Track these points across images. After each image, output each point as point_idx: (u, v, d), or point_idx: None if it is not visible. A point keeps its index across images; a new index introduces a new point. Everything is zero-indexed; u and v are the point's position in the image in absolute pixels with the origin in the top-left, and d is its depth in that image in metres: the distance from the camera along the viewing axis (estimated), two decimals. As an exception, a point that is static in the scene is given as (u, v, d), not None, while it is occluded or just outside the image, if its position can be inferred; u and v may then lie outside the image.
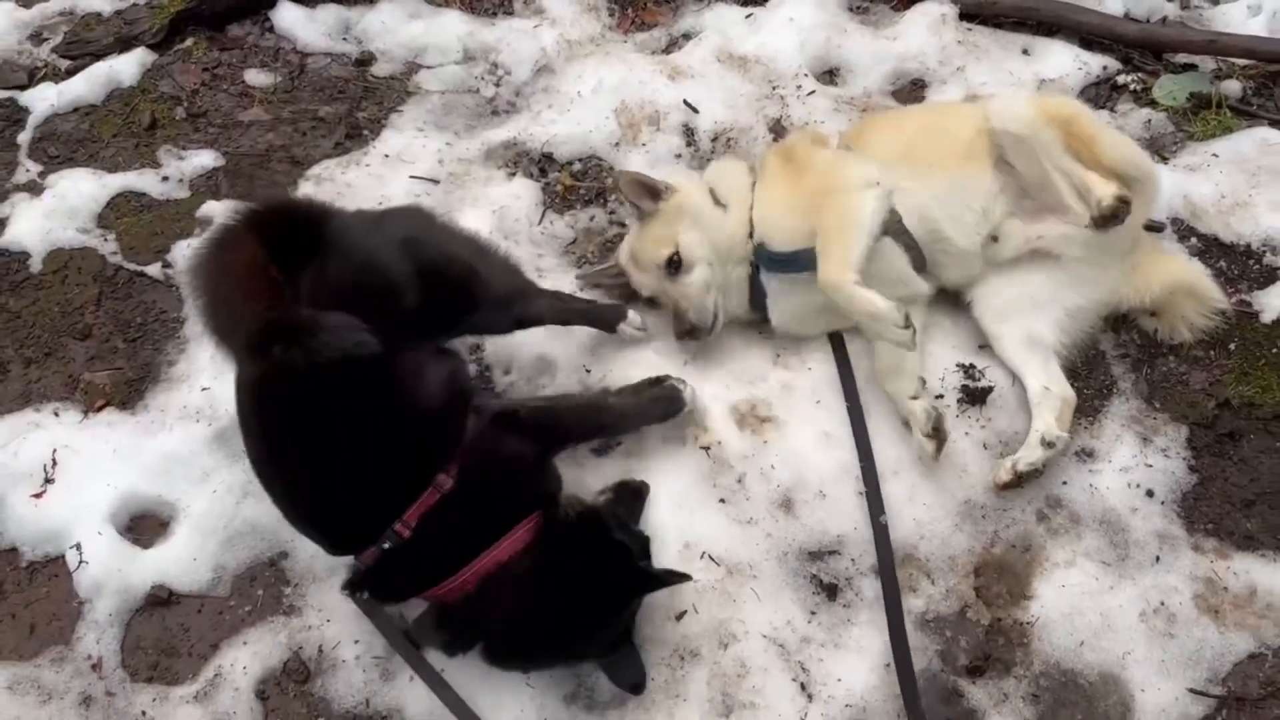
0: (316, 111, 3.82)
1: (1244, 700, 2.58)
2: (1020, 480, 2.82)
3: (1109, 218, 2.81)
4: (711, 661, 2.66)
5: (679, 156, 3.65)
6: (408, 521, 2.35)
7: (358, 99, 3.87)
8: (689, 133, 3.70)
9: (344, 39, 4.06)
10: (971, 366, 3.09)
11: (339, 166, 3.59)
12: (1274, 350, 3.13)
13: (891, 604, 2.63)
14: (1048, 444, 2.83)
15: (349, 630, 2.69)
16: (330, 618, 2.72)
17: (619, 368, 3.09)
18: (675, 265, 3.06)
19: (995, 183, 2.99)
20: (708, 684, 2.62)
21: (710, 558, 2.79)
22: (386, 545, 2.36)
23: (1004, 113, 2.96)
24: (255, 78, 3.93)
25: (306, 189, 3.51)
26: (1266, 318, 3.20)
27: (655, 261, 3.08)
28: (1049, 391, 2.94)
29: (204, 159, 3.65)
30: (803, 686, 2.62)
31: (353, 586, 2.46)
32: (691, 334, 3.07)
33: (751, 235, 3.08)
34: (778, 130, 3.73)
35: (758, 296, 3.12)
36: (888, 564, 2.70)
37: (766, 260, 3.05)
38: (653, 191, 3.13)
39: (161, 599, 2.76)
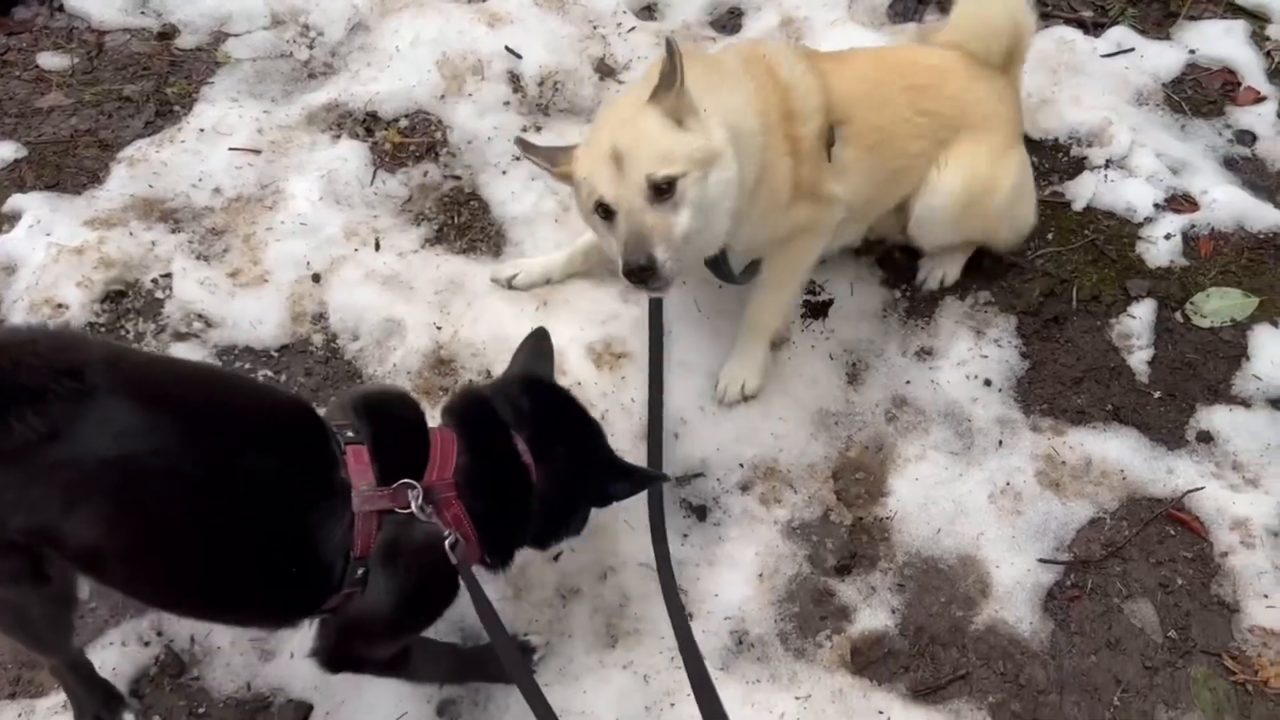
0: (121, 91, 3.64)
1: (1088, 562, 2.76)
2: None
3: None
4: (593, 595, 2.70)
5: (507, 104, 3.61)
6: None
7: (164, 74, 3.69)
8: (515, 79, 3.67)
9: (142, 13, 3.86)
10: (811, 282, 3.19)
11: (152, 146, 3.43)
12: (1086, 235, 3.33)
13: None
14: None
15: (224, 638, 2.62)
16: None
17: (467, 324, 3.07)
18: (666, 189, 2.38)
19: None
20: (591, 618, 2.66)
21: (580, 496, 2.82)
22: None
23: None
24: (50, 61, 3.71)
25: (119, 172, 3.35)
26: (1078, 206, 3.39)
27: (657, 175, 2.37)
28: None
29: (3, 151, 3.44)
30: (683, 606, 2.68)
31: None
32: (646, 281, 2.40)
33: None
34: (603, 69, 3.73)
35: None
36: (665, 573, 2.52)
37: None
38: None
39: (17, 611, 2.64)
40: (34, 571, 1.94)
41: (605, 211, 2.47)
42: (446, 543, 2.04)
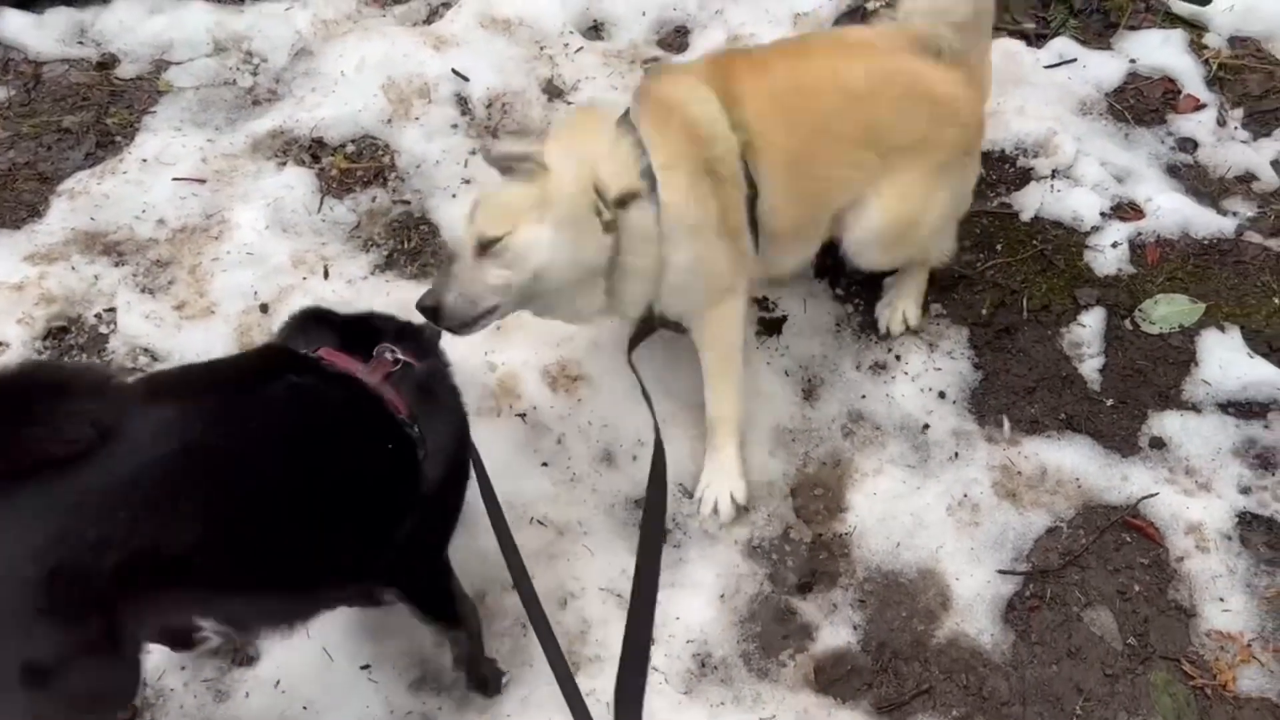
0: (60, 122, 3.57)
1: (1047, 572, 2.78)
2: None
3: None
4: (553, 623, 2.64)
5: (455, 127, 3.59)
6: None
7: (104, 104, 3.64)
8: (462, 102, 3.65)
9: (80, 43, 3.81)
10: (764, 299, 3.19)
11: (93, 178, 3.37)
12: (1034, 245, 3.36)
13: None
14: None
15: (174, 658, 2.57)
16: (150, 648, 2.59)
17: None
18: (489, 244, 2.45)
19: None
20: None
21: (539, 521, 2.80)
22: None
23: None
24: (-15, 93, 3.65)
25: (60, 206, 3.29)
26: (1025, 216, 3.42)
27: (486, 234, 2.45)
28: None
29: (-61, 186, 3.37)
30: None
31: None
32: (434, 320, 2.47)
33: None
34: (551, 90, 3.72)
35: None
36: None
37: None
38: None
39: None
40: (113, 637, 1.78)
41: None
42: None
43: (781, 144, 2.66)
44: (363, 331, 2.25)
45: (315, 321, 2.29)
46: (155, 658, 2.57)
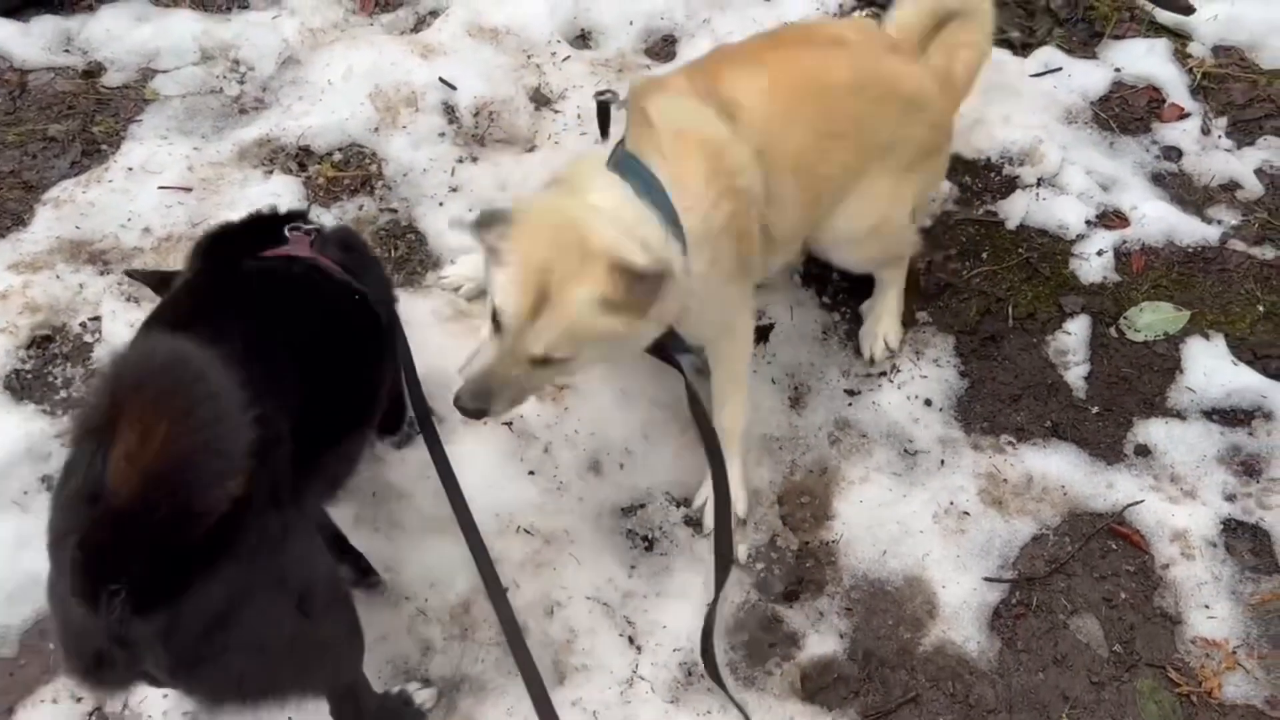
0: (45, 131, 3.56)
1: (1033, 579, 2.78)
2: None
3: None
4: (539, 632, 2.66)
5: (443, 135, 3.59)
6: None
7: (90, 113, 3.62)
8: (449, 110, 3.65)
9: (66, 51, 3.79)
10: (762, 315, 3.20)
11: (78, 186, 3.36)
12: (1020, 253, 3.37)
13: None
14: None
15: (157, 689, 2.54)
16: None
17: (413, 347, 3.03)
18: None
19: None
20: (538, 655, 2.60)
21: (526, 530, 2.79)
22: None
23: None
24: (-30, 102, 3.63)
25: (45, 214, 3.28)
26: (1011, 225, 3.44)
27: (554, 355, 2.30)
28: None
29: (-77, 195, 3.36)
30: (631, 640, 2.66)
31: None
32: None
33: None
34: (539, 99, 3.72)
35: None
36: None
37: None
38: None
39: (-59, 671, 2.55)
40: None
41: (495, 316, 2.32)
42: None
43: (787, 148, 2.59)
44: (260, 228, 2.37)
45: (219, 241, 2.38)
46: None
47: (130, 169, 3.41)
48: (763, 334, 3.14)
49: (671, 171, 2.43)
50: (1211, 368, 3.11)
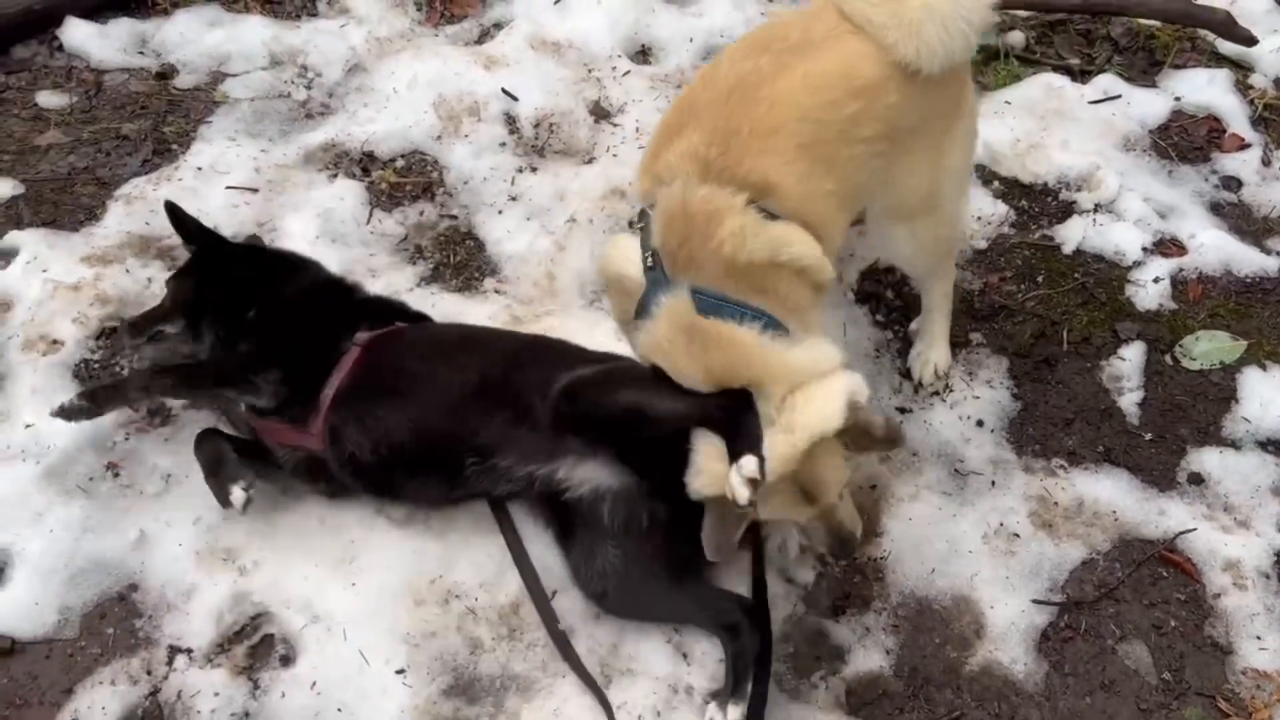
0: (119, 129, 3.66)
1: (1081, 604, 2.77)
2: None
3: None
4: (586, 635, 2.68)
5: (503, 145, 3.66)
6: None
7: (162, 113, 3.72)
8: (510, 121, 3.71)
9: (140, 53, 3.90)
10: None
11: (149, 184, 3.45)
12: (1076, 278, 3.37)
13: None
14: None
15: (210, 680, 2.59)
16: (192, 650, 2.62)
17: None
18: None
19: None
20: (584, 658, 2.64)
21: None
22: None
23: None
24: (48, 99, 3.74)
25: (116, 210, 3.37)
26: (1067, 249, 3.44)
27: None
28: None
29: (1, 188, 3.45)
30: (677, 647, 2.67)
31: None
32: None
33: None
34: (598, 112, 3.77)
35: None
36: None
37: None
38: None
39: (4, 649, 2.61)
40: None
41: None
42: None
43: (828, 192, 2.45)
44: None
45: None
46: (194, 674, 2.60)
47: (199, 169, 3.50)
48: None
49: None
50: (1269, 398, 3.09)
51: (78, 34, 3.89)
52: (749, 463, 2.24)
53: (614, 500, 2.60)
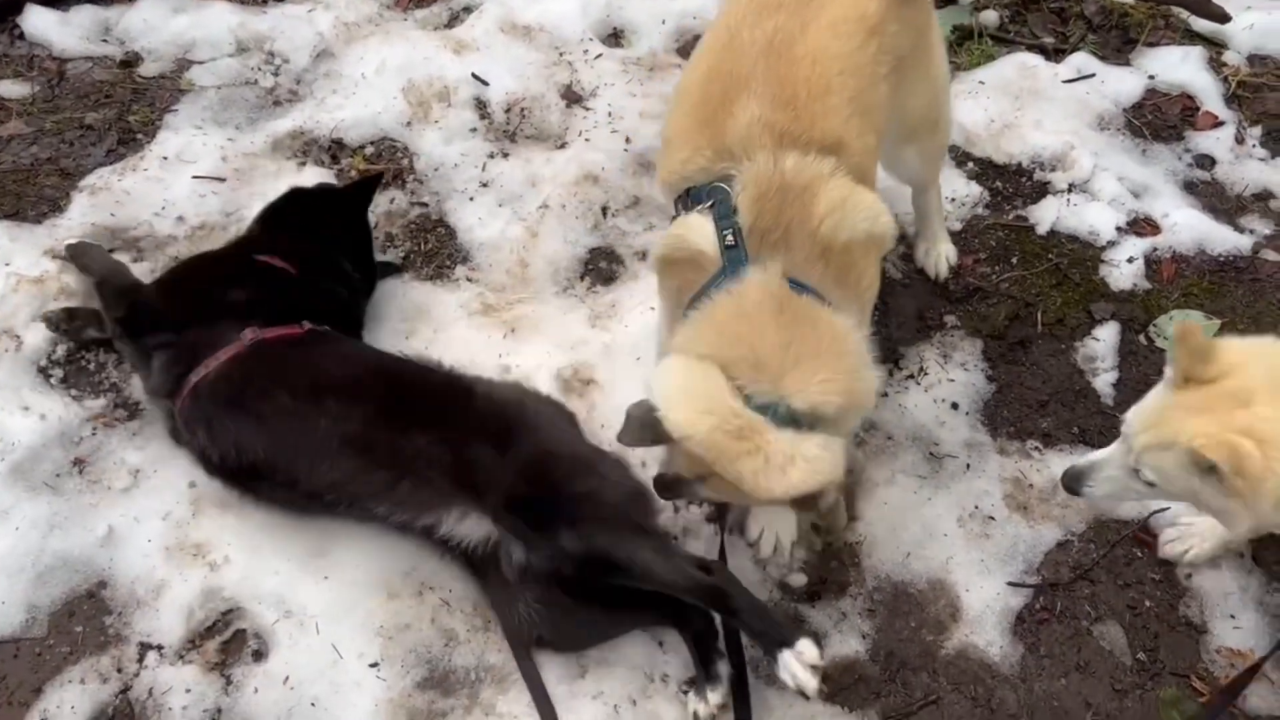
0: (83, 119, 3.60)
1: (1057, 585, 2.77)
2: None
3: None
4: (561, 626, 2.67)
5: (474, 130, 3.62)
6: None
7: (127, 102, 3.67)
8: (481, 106, 3.67)
9: (104, 40, 3.84)
10: (780, 307, 3.20)
11: (114, 174, 3.40)
12: (1050, 259, 3.36)
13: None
14: None
15: (181, 676, 2.57)
16: (163, 647, 2.60)
17: (434, 351, 3.04)
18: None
19: None
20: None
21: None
22: None
23: None
24: (9, 89, 3.68)
25: (81, 201, 3.32)
26: (1041, 230, 3.43)
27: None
28: None
29: (-39, 180, 3.40)
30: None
31: None
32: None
33: None
34: (570, 96, 3.73)
35: None
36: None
37: None
38: None
39: (-29, 650, 2.59)
40: None
41: None
42: None
43: (870, 146, 2.44)
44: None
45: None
46: (164, 671, 2.58)
47: (165, 158, 3.45)
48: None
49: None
50: (1241, 377, 3.09)
51: (39, 22, 3.82)
52: (808, 650, 2.31)
53: (508, 549, 2.50)
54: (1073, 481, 2.44)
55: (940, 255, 3.29)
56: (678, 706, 2.54)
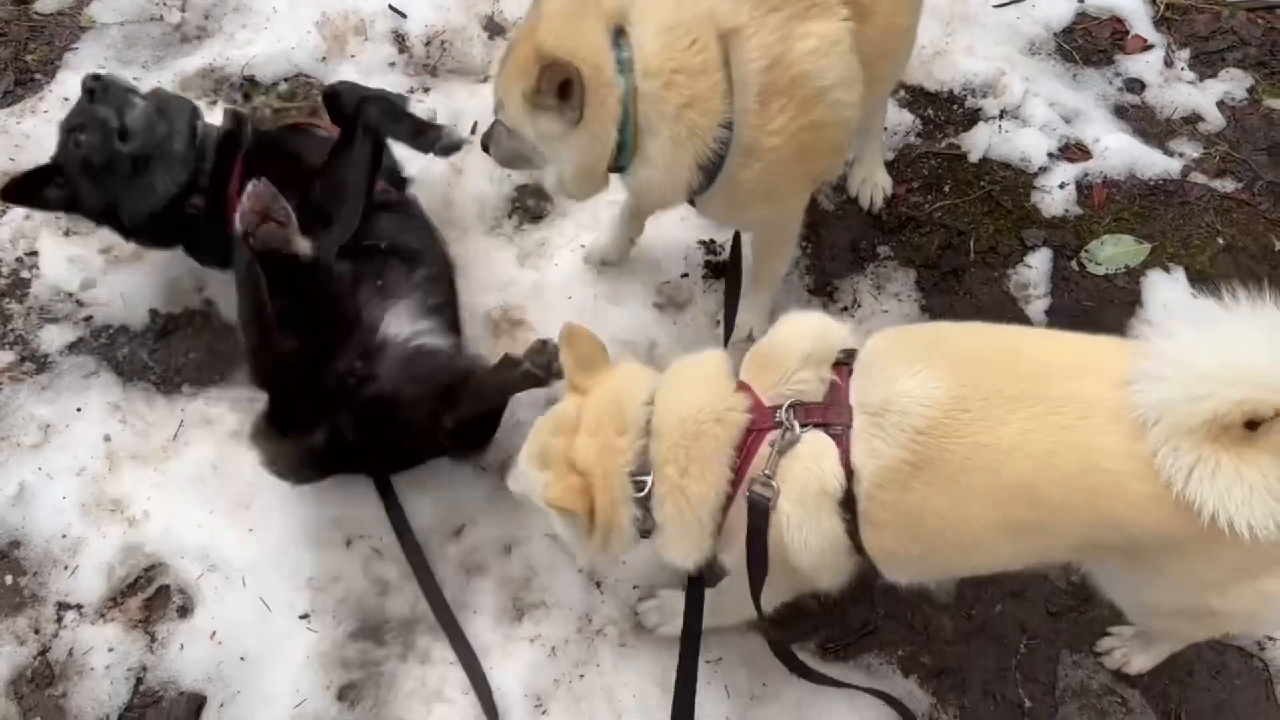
0: (-24, 59, 3.42)
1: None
2: None
3: None
4: (498, 570, 2.64)
5: (393, 65, 3.49)
6: None
7: (23, 40, 3.48)
8: (400, 39, 3.54)
9: (-4, -25, 3.63)
10: (712, 242, 3.14)
11: (12, 116, 3.24)
12: (982, 187, 3.33)
13: None
14: None
15: (103, 635, 2.50)
16: (83, 606, 2.52)
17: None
18: None
19: None
20: (495, 593, 2.60)
21: (480, 467, 2.75)
22: None
23: None
24: (-105, 29, 3.48)
25: (-23, 145, 3.15)
26: (973, 157, 3.39)
27: None
28: None
29: None
30: (590, 576, 2.63)
31: None
32: None
33: None
34: (493, 28, 3.61)
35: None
36: None
37: None
38: None
39: (-122, 617, 2.49)
40: None
41: None
42: None
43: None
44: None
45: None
46: (86, 630, 2.51)
47: (66, 99, 3.28)
48: (721, 270, 3.09)
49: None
50: (1171, 301, 3.10)
51: (-77, -44, 3.60)
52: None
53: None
54: None
55: (876, 185, 3.26)
56: (616, 647, 2.52)
